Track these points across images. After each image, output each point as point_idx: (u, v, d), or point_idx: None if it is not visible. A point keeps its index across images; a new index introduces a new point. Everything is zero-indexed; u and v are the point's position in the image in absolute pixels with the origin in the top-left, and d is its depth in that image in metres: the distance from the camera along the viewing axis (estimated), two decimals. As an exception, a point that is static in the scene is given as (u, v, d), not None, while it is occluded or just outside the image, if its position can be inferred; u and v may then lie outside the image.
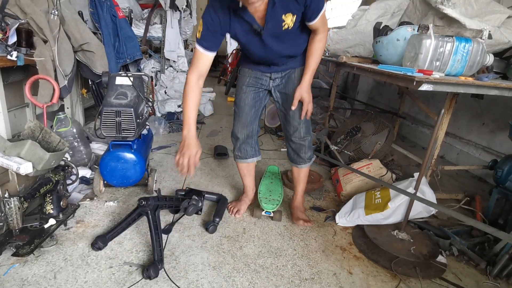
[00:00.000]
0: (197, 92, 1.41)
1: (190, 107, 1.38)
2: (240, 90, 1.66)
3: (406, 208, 1.61)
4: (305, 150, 1.70)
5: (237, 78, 1.70)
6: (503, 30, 1.81)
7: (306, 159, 1.73)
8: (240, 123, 1.68)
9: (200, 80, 1.42)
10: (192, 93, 1.39)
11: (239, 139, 1.72)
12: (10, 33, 1.63)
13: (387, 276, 1.43)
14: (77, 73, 2.20)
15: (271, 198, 1.81)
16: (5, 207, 1.25)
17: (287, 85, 1.59)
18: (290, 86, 1.58)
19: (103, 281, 1.24)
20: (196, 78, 1.40)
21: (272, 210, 1.73)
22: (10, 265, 1.27)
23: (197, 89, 1.41)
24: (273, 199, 1.80)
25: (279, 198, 1.82)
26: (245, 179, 1.86)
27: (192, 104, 1.39)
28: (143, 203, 1.45)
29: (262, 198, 1.79)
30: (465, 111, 2.91)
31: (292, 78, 1.58)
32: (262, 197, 1.81)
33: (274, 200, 1.79)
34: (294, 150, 1.72)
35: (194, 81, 1.40)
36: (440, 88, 1.44)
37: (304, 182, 1.82)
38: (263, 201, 1.77)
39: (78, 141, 2.04)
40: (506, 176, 1.75)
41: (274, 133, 3.41)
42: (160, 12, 3.49)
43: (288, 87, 1.59)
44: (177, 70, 3.83)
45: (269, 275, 1.36)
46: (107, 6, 2.32)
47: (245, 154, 1.76)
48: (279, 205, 1.75)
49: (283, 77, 1.60)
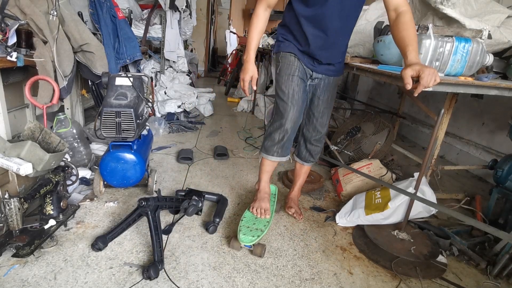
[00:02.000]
0: (263, 21, 1.49)
1: (254, 33, 1.49)
2: (289, 79, 1.51)
3: (406, 208, 1.61)
4: (319, 151, 1.76)
5: (279, 65, 1.55)
6: (502, 30, 1.81)
7: (315, 159, 1.79)
8: (293, 117, 1.51)
9: (266, 11, 1.49)
10: (258, 22, 1.48)
11: (288, 133, 1.55)
12: (10, 34, 1.63)
13: (388, 276, 1.43)
14: (77, 74, 2.20)
15: (254, 228, 1.51)
16: (5, 208, 1.25)
17: (323, 90, 1.59)
18: (325, 92, 1.60)
19: (103, 282, 1.24)
20: (263, 9, 1.47)
21: (252, 243, 1.44)
22: (10, 266, 1.27)
23: (263, 18, 1.49)
24: (256, 228, 1.51)
25: (265, 227, 1.53)
26: (266, 175, 1.74)
27: (257, 31, 1.49)
28: (143, 204, 1.45)
29: (242, 228, 1.50)
30: (465, 111, 2.91)
31: (327, 84, 1.58)
32: (243, 226, 1.52)
33: (257, 230, 1.50)
34: (309, 150, 1.74)
35: (261, 11, 1.48)
36: (439, 88, 1.44)
37: (304, 178, 1.87)
38: (242, 230, 1.48)
39: (78, 142, 2.04)
40: (506, 176, 1.75)
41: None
42: (159, 13, 3.49)
43: (322, 93, 1.60)
44: (177, 70, 3.83)
45: (270, 276, 1.36)
46: (107, 7, 2.32)
47: (286, 152, 1.64)
48: (261, 236, 1.45)
49: (322, 80, 1.58)
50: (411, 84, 1.13)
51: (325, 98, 1.62)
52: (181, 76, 3.81)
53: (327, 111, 1.66)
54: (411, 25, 1.24)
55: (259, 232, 1.48)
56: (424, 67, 1.10)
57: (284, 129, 1.53)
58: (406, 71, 1.12)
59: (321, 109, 1.63)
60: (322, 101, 1.62)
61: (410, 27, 1.24)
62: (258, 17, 1.48)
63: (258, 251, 1.45)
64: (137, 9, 3.40)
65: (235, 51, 6.03)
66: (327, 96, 1.62)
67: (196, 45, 7.04)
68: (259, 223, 1.57)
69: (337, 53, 1.53)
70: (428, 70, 1.09)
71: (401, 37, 1.23)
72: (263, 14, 1.48)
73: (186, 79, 3.87)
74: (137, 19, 3.36)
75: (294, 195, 1.89)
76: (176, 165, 2.38)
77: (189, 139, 3.03)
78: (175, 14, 3.48)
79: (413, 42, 1.20)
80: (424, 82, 1.09)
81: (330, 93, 1.62)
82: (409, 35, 1.22)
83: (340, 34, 1.46)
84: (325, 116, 1.66)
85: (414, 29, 1.25)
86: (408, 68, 1.12)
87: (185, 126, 3.33)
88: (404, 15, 1.26)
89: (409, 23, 1.25)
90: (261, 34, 1.52)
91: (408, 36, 1.22)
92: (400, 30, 1.25)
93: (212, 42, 8.43)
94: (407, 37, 1.21)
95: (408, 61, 1.17)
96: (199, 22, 6.80)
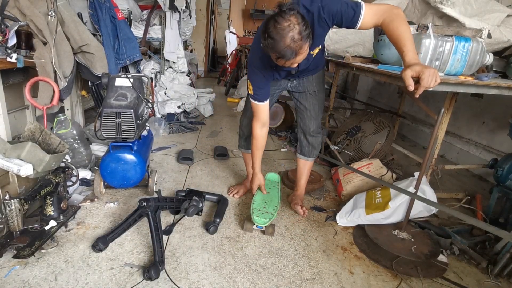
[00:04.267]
0: (263, 138, 1.67)
1: (257, 153, 1.70)
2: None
3: (407, 207, 1.61)
4: (319, 142, 1.85)
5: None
6: (502, 29, 1.81)
7: (317, 152, 1.87)
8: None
9: (264, 129, 1.65)
10: (258, 142, 1.67)
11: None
12: (10, 35, 1.63)
13: (388, 275, 1.43)
14: (77, 75, 2.20)
15: (265, 211, 1.66)
16: (6, 209, 1.25)
17: (305, 84, 1.70)
18: (308, 84, 1.71)
19: (104, 283, 1.24)
20: (259, 128, 1.64)
21: (264, 225, 1.61)
22: (11, 267, 1.27)
23: (262, 136, 1.66)
24: (267, 212, 1.66)
25: (274, 211, 1.67)
26: (248, 167, 2.00)
27: (259, 151, 1.70)
28: (144, 204, 1.45)
29: (254, 210, 1.65)
30: (465, 110, 2.91)
31: (310, 79, 1.70)
32: (255, 209, 1.66)
33: (267, 213, 1.64)
34: (310, 143, 1.82)
35: (258, 130, 1.64)
36: (439, 88, 1.44)
37: (307, 176, 1.92)
38: (255, 213, 1.63)
39: (78, 143, 2.04)
40: (506, 175, 1.75)
41: (274, 133, 3.41)
42: (159, 13, 3.49)
43: (306, 86, 1.71)
44: (176, 71, 3.83)
45: (270, 276, 1.36)
46: (107, 8, 2.32)
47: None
48: (272, 219, 1.61)
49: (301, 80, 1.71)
50: (413, 86, 1.10)
51: (311, 90, 1.73)
52: (181, 77, 3.81)
53: (318, 102, 1.76)
54: (401, 22, 1.18)
55: (270, 215, 1.64)
56: (424, 67, 1.08)
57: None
58: (406, 72, 1.10)
59: (311, 101, 1.75)
60: (310, 94, 1.73)
61: (400, 25, 1.17)
62: (256, 138, 1.65)
63: (270, 230, 1.63)
64: (137, 10, 3.39)
65: (234, 51, 6.03)
66: (313, 89, 1.72)
67: (196, 45, 7.04)
68: (268, 206, 1.72)
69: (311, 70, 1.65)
70: (428, 70, 1.07)
71: (395, 37, 1.19)
72: (260, 132, 1.64)
73: (186, 79, 3.87)
74: (136, 20, 3.36)
75: (299, 193, 1.93)
76: (177, 166, 2.38)
77: (189, 139, 3.03)
78: (175, 14, 3.48)
79: (408, 42, 1.16)
80: (425, 83, 1.07)
81: (315, 87, 1.72)
82: (402, 34, 1.17)
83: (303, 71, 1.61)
84: (317, 107, 1.76)
85: (406, 26, 1.18)
86: (407, 69, 1.10)
87: (185, 126, 3.33)
88: (390, 15, 1.21)
89: (399, 21, 1.18)
90: (263, 149, 1.71)
91: (401, 35, 1.17)
92: (392, 31, 1.19)
93: (212, 43, 8.43)
94: (400, 36, 1.17)
95: (407, 62, 1.14)
96: (199, 23, 6.81)
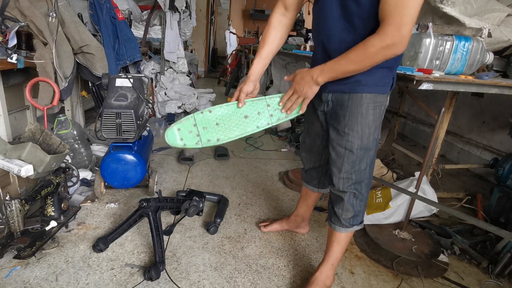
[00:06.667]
0: (276, 32, 1.17)
1: (261, 43, 1.18)
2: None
3: (407, 207, 1.61)
4: (343, 206, 1.17)
5: None
6: (502, 28, 1.81)
7: (343, 221, 1.19)
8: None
9: (285, 17, 1.17)
10: (268, 30, 1.17)
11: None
12: (10, 36, 1.63)
13: (389, 275, 1.42)
14: (77, 75, 2.20)
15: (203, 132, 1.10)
16: (6, 209, 1.25)
17: (337, 112, 1.10)
18: (341, 116, 1.09)
19: (104, 283, 1.24)
20: (279, 14, 1.17)
21: (175, 147, 1.14)
22: (12, 267, 1.27)
23: (275, 27, 1.17)
24: (198, 135, 1.10)
25: (209, 143, 1.10)
26: (298, 203, 1.63)
27: (267, 49, 1.17)
28: (144, 205, 1.45)
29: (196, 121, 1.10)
30: (465, 109, 2.91)
31: (345, 105, 1.07)
32: (198, 121, 1.10)
33: (198, 137, 1.10)
34: (331, 199, 1.24)
35: (276, 19, 1.17)
36: (440, 87, 1.44)
37: (334, 251, 1.25)
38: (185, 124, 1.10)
39: (79, 143, 2.04)
40: (507, 175, 1.74)
41: (275, 133, 3.41)
42: (159, 14, 3.49)
43: (337, 117, 1.10)
44: (177, 71, 3.83)
45: (271, 276, 1.36)
46: (107, 8, 2.32)
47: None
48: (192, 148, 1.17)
49: (333, 101, 1.11)
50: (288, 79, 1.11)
51: (342, 125, 1.08)
52: (181, 77, 3.81)
53: (347, 153, 1.09)
54: (362, 45, 0.92)
55: (197, 139, 1.12)
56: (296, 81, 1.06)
57: None
58: (289, 76, 1.11)
59: (336, 143, 1.12)
60: (340, 129, 1.09)
61: (360, 47, 0.92)
62: (269, 23, 1.18)
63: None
64: (137, 10, 3.40)
65: (235, 52, 6.04)
66: (344, 124, 1.08)
67: (196, 45, 7.05)
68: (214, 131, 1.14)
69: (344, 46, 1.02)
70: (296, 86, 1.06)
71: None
72: (279, 22, 1.17)
73: (186, 79, 3.87)
74: (136, 20, 3.36)
75: (320, 277, 1.27)
76: (177, 166, 2.38)
77: (189, 139, 3.02)
78: (175, 15, 3.49)
79: (338, 59, 0.97)
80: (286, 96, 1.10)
81: (349, 120, 1.07)
82: (351, 51, 0.94)
83: (335, 27, 1.08)
84: (344, 158, 1.10)
85: (364, 49, 0.92)
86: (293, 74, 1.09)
87: (186, 126, 3.33)
88: (368, 39, 0.91)
89: (364, 43, 0.92)
90: (272, 46, 1.18)
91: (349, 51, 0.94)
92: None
93: (212, 43, 8.44)
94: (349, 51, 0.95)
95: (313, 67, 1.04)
96: (199, 23, 6.81)
